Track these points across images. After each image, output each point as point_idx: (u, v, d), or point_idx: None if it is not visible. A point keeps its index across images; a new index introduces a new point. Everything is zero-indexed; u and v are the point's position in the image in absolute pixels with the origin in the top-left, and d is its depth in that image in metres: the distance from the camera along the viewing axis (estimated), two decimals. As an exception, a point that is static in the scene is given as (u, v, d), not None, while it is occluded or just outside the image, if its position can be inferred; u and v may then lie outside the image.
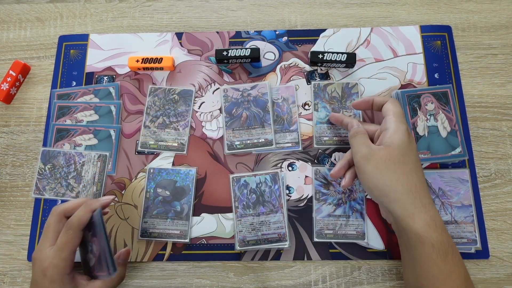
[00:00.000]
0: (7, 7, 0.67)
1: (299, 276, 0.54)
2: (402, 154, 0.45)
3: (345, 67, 0.61)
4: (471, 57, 0.62)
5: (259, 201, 0.55)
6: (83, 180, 0.57)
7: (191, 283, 0.54)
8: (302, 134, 0.59)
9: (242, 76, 0.62)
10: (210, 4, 0.67)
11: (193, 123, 0.60)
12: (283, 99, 0.60)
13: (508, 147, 0.58)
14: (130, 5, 0.67)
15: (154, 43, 0.64)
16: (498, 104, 0.60)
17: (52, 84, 0.63)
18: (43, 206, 0.57)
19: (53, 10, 0.67)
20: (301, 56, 0.63)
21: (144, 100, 0.61)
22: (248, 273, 0.54)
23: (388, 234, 0.55)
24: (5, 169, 0.59)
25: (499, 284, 0.53)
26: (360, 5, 0.66)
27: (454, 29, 0.64)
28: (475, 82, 0.61)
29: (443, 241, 0.43)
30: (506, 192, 0.56)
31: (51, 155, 0.58)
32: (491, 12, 0.65)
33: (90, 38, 0.65)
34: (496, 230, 0.55)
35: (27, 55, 0.65)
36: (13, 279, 0.54)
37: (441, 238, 0.43)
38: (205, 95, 0.61)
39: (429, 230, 0.43)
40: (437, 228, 0.43)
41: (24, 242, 0.56)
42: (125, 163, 0.58)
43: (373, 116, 0.59)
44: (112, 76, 0.63)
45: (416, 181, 0.45)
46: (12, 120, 0.62)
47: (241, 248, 0.54)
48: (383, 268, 0.54)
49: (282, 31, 0.64)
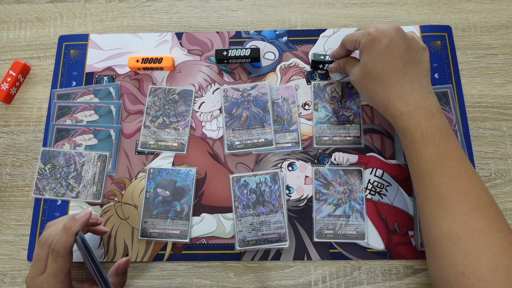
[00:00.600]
0: (7, 7, 0.67)
1: (299, 276, 0.54)
2: (374, 62, 0.48)
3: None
4: (471, 57, 0.62)
5: (259, 201, 0.55)
6: (83, 180, 0.57)
7: (191, 283, 0.54)
8: (302, 134, 0.59)
9: (242, 76, 0.62)
10: (210, 4, 0.67)
11: (193, 123, 0.60)
12: (283, 99, 0.60)
13: (508, 147, 0.58)
14: (130, 5, 0.67)
15: (154, 43, 0.64)
16: (498, 104, 0.60)
17: (52, 84, 0.63)
18: (43, 206, 0.57)
19: (53, 10, 0.67)
20: (301, 56, 0.63)
21: (144, 100, 0.61)
22: (248, 273, 0.54)
23: (388, 234, 0.55)
24: (5, 169, 0.59)
25: (499, 284, 0.53)
26: (360, 5, 0.66)
27: (454, 29, 0.64)
28: (475, 82, 0.61)
29: (408, 128, 0.46)
30: (506, 192, 0.56)
31: (51, 155, 0.58)
32: (491, 12, 0.65)
33: (90, 38, 0.65)
34: (496, 230, 0.55)
35: (27, 55, 0.65)
36: (13, 279, 0.54)
37: (406, 125, 0.47)
38: (205, 95, 0.61)
39: (394, 120, 0.48)
40: (403, 118, 0.47)
41: (24, 242, 0.56)
42: (125, 163, 0.58)
43: (373, 116, 0.59)
44: (112, 76, 0.63)
45: (385, 86, 0.48)
46: (12, 120, 0.62)
47: (241, 248, 0.54)
48: (383, 268, 0.54)
49: (282, 31, 0.64)
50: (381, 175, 0.57)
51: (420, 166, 0.46)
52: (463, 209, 0.42)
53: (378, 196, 0.56)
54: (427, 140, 0.45)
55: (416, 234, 0.54)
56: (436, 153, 0.44)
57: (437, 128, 0.45)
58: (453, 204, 0.43)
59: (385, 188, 0.56)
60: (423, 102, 0.46)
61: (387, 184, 0.57)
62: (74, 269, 0.46)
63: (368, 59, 0.49)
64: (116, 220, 0.56)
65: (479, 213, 0.42)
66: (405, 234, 0.55)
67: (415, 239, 0.54)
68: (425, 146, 0.45)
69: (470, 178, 0.44)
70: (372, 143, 0.58)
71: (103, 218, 0.56)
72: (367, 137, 0.59)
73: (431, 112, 0.46)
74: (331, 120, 0.59)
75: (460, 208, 0.42)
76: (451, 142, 0.45)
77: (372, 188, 0.56)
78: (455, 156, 0.45)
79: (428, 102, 0.46)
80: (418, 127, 0.45)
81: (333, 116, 0.59)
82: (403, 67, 0.47)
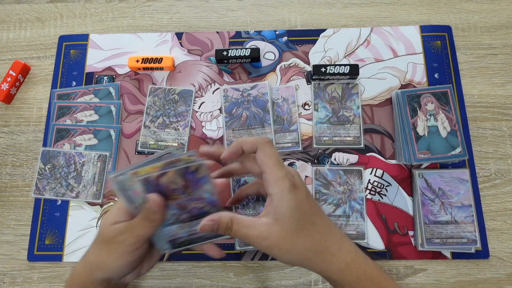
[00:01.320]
0: (7, 7, 0.67)
1: (299, 276, 0.54)
2: (297, 220, 0.38)
3: (349, 79, 0.61)
4: (471, 57, 0.62)
5: (259, 201, 0.55)
6: (83, 180, 0.57)
7: (191, 283, 0.54)
8: (302, 134, 0.59)
9: (242, 76, 0.62)
10: (210, 4, 0.67)
11: (193, 123, 0.60)
12: (283, 99, 0.60)
13: (508, 147, 0.58)
14: (130, 5, 0.67)
15: (154, 43, 0.64)
16: (498, 104, 0.60)
17: (52, 84, 0.63)
18: (43, 206, 0.57)
19: (53, 10, 0.67)
20: (301, 56, 0.63)
21: (144, 100, 0.61)
22: (248, 273, 0.54)
23: (388, 234, 0.55)
24: (5, 169, 0.59)
25: (499, 284, 0.53)
26: (360, 5, 0.66)
27: (454, 29, 0.64)
28: (475, 82, 0.61)
29: (360, 278, 0.39)
30: (506, 192, 0.56)
31: (51, 155, 0.58)
32: (491, 12, 0.65)
33: (90, 38, 0.65)
34: (496, 230, 0.55)
35: (27, 55, 0.65)
36: (13, 279, 0.54)
37: (356, 276, 0.39)
38: (205, 95, 0.61)
39: (342, 275, 0.39)
40: (351, 270, 0.39)
41: (24, 242, 0.56)
42: (125, 163, 0.58)
43: (373, 116, 0.59)
44: (112, 76, 0.63)
45: (320, 237, 0.39)
46: (12, 120, 0.62)
47: (241, 248, 0.54)
48: (383, 268, 0.54)
49: (282, 31, 0.64)
50: (381, 175, 0.57)
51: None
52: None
53: (378, 196, 0.56)
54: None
55: (416, 234, 0.54)
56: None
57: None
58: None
59: (385, 188, 0.56)
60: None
61: (387, 184, 0.57)
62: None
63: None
64: (116, 220, 0.56)
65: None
66: (405, 234, 0.55)
67: (415, 239, 0.54)
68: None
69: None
70: (372, 143, 0.58)
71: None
72: (367, 137, 0.59)
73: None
74: (331, 120, 0.59)
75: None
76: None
77: (372, 188, 0.57)
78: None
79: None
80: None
81: (333, 116, 0.59)
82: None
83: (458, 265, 0.54)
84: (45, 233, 0.56)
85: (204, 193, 0.39)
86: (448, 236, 0.53)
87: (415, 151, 0.55)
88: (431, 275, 0.53)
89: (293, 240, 0.38)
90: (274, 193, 0.38)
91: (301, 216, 0.38)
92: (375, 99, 0.60)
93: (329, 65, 0.59)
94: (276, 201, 0.38)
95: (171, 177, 0.36)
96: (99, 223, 0.47)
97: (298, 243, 0.38)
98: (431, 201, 0.54)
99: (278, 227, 0.38)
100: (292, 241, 0.38)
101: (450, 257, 0.54)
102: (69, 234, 0.56)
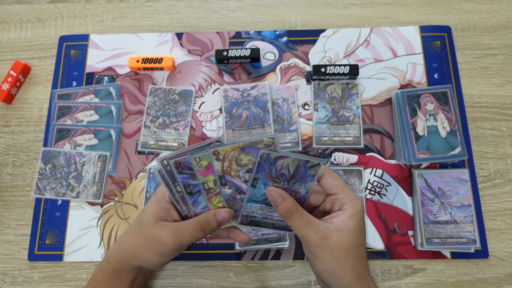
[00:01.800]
0: (7, 8, 0.68)
1: (299, 276, 0.54)
2: (356, 237, 0.40)
3: (349, 79, 0.61)
4: (470, 57, 0.63)
5: (259, 201, 0.55)
6: (83, 180, 0.57)
7: (191, 283, 0.54)
8: (302, 134, 0.59)
9: (242, 76, 0.62)
10: (210, 4, 0.67)
11: (193, 123, 0.60)
12: (283, 99, 0.61)
13: (507, 147, 0.58)
14: (130, 6, 0.67)
15: (154, 43, 0.64)
16: (498, 104, 0.60)
17: (52, 84, 0.63)
18: (44, 206, 0.57)
19: (53, 10, 0.67)
20: (301, 56, 0.63)
21: (144, 100, 0.61)
22: (248, 273, 0.54)
23: (388, 234, 0.55)
24: (6, 169, 0.59)
25: (499, 284, 0.53)
26: (360, 5, 0.66)
27: (453, 29, 0.64)
28: (474, 82, 0.61)
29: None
30: (505, 192, 0.56)
31: (51, 155, 0.58)
32: (491, 13, 0.65)
33: (91, 38, 0.65)
34: (496, 230, 0.55)
35: (27, 55, 0.65)
36: (13, 278, 0.55)
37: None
38: (205, 95, 0.61)
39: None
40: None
41: (25, 242, 0.56)
42: (126, 163, 0.58)
43: (373, 116, 0.59)
44: (112, 76, 0.63)
45: (365, 264, 0.42)
46: (13, 120, 0.62)
47: (241, 248, 0.54)
48: (383, 268, 0.54)
49: (282, 31, 0.64)
50: (381, 175, 0.57)
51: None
52: None
53: (378, 196, 0.56)
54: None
55: (415, 234, 0.54)
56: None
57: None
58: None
59: (385, 188, 0.57)
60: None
61: (386, 184, 0.57)
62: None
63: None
64: (117, 220, 0.56)
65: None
66: (404, 234, 0.55)
67: (414, 239, 0.54)
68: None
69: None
70: (372, 143, 0.58)
71: (104, 218, 0.56)
72: (367, 137, 0.59)
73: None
74: (331, 120, 0.59)
75: None
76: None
77: (372, 188, 0.57)
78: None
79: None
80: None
81: (333, 116, 0.59)
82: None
83: (458, 264, 0.54)
84: (46, 233, 0.56)
85: (303, 188, 0.41)
86: (448, 236, 0.53)
87: (414, 151, 0.55)
88: (430, 274, 0.53)
89: (348, 252, 0.40)
90: (347, 208, 0.41)
91: (360, 236, 0.41)
92: (374, 99, 0.61)
93: (329, 65, 0.59)
94: (346, 215, 0.40)
95: (291, 164, 0.39)
96: (139, 214, 0.46)
97: (349, 257, 0.40)
98: (431, 201, 0.54)
99: (339, 235, 0.40)
100: (347, 253, 0.40)
101: (449, 257, 0.54)
102: (70, 233, 0.56)
